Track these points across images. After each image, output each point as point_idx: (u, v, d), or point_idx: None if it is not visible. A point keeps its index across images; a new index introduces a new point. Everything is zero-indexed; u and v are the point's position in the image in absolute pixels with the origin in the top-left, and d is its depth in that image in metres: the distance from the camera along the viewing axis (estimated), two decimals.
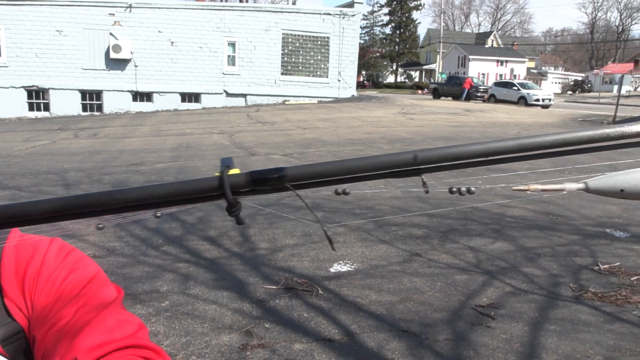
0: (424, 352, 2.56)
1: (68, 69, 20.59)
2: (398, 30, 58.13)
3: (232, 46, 21.87)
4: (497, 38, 60.21)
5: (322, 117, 16.35)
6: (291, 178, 0.37)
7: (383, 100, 24.59)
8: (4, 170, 8.15)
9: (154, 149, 10.38)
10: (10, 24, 19.66)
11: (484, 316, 2.97)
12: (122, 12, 20.75)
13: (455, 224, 4.86)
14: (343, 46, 22.77)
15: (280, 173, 0.35)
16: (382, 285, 3.43)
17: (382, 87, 52.91)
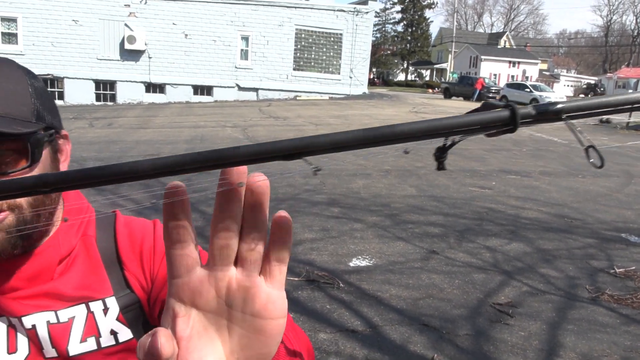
0: (445, 346, 2.65)
1: (83, 59, 20.73)
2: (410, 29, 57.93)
3: (246, 40, 21.94)
4: (510, 39, 59.89)
5: (333, 113, 16.41)
6: (567, 110, 0.35)
7: (394, 98, 24.61)
8: None
9: (169, 140, 10.49)
10: (27, 13, 19.82)
11: (502, 314, 3.04)
12: (137, 3, 20.86)
13: (470, 224, 4.93)
14: (356, 43, 22.79)
15: (556, 107, 0.34)
16: (401, 280, 3.52)
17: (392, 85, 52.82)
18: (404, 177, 7.18)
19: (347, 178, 6.99)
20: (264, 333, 0.38)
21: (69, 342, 0.72)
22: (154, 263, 0.80)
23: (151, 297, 0.79)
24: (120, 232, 0.82)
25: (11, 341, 0.70)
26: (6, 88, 0.67)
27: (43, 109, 0.71)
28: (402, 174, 7.45)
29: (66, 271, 0.75)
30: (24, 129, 0.65)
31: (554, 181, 7.20)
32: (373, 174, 7.34)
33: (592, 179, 7.47)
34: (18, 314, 0.70)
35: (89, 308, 0.75)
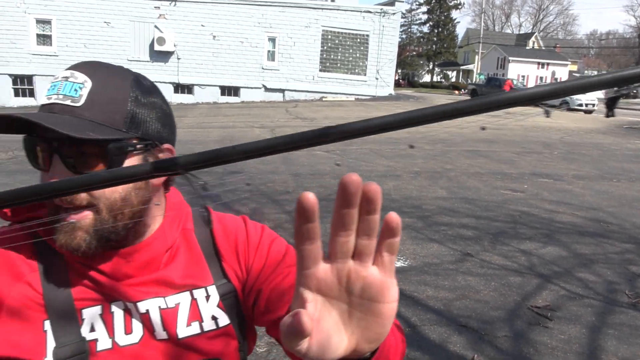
0: (485, 347, 2.67)
1: (114, 60, 21.09)
2: (436, 29, 57.51)
3: (272, 41, 22.11)
4: (539, 40, 58.89)
5: (360, 114, 16.42)
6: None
7: (421, 99, 24.48)
8: None
9: (200, 140, 10.67)
10: (61, 15, 20.34)
11: (540, 317, 3.04)
12: (167, 5, 21.22)
13: (504, 227, 4.91)
14: (382, 44, 22.74)
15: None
16: (436, 281, 3.54)
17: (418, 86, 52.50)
18: (434, 179, 7.17)
19: (376, 179, 7.00)
20: (380, 315, 0.45)
21: (177, 326, 0.79)
22: (249, 256, 0.87)
23: (246, 287, 0.86)
24: (215, 226, 0.89)
25: (127, 323, 0.77)
26: (105, 95, 0.71)
27: (142, 120, 0.75)
28: (432, 175, 7.44)
29: (171, 261, 0.82)
30: (98, 136, 0.69)
31: (587, 185, 7.10)
32: (403, 175, 7.35)
33: (628, 184, 7.34)
34: (133, 299, 0.77)
35: (192, 295, 0.82)
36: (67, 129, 0.66)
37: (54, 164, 0.70)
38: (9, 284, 0.73)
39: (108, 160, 0.71)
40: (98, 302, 0.76)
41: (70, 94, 0.70)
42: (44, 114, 0.69)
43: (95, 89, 0.71)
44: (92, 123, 0.69)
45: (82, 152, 0.70)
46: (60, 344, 0.72)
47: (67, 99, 0.70)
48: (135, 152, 0.74)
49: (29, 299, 0.73)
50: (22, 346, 0.71)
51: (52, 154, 0.70)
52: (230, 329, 0.84)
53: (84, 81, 0.71)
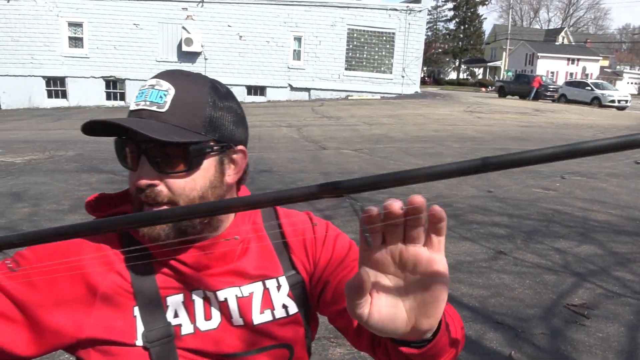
0: (522, 344, 2.68)
1: (143, 61, 21.57)
2: (462, 26, 56.80)
3: (298, 41, 22.21)
4: (569, 35, 57.59)
5: (386, 113, 16.39)
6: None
7: (447, 97, 24.25)
8: (96, 155, 8.80)
9: None
10: (92, 18, 20.83)
11: (577, 315, 3.03)
12: (194, 6, 21.51)
13: (537, 225, 4.88)
14: (408, 42, 22.61)
15: None
16: (471, 279, 3.55)
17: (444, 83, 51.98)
18: (464, 177, 7.13)
19: None
20: (433, 288, 0.53)
21: (252, 313, 0.85)
22: (316, 249, 0.92)
23: (313, 279, 0.92)
24: (283, 221, 0.95)
25: (207, 310, 0.84)
26: (186, 101, 0.78)
27: (219, 124, 0.81)
28: None
29: (244, 254, 0.88)
30: (182, 139, 0.76)
31: (622, 183, 6.97)
32: None
33: None
34: (213, 288, 0.84)
35: (264, 285, 0.88)
36: (153, 133, 0.73)
37: (141, 164, 0.77)
38: (102, 274, 0.80)
39: (189, 161, 0.78)
40: (180, 290, 0.83)
41: (156, 100, 0.77)
42: (134, 119, 0.77)
43: (178, 95, 0.78)
44: (175, 127, 0.76)
45: (167, 154, 0.77)
46: (149, 328, 0.79)
47: (153, 105, 0.77)
48: (213, 153, 0.81)
49: (120, 287, 0.80)
50: (115, 330, 0.78)
51: (140, 155, 0.77)
52: (299, 317, 0.90)
53: (167, 88, 0.78)
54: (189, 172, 0.79)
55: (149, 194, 0.77)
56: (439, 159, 8.65)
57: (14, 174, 7.11)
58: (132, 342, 0.78)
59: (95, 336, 0.78)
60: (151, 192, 0.77)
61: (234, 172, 0.86)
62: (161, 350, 0.79)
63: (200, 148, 0.79)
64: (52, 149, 9.46)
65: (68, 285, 0.78)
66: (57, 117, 16.40)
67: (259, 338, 0.85)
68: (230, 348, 0.83)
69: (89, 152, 9.12)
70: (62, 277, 0.77)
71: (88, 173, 7.21)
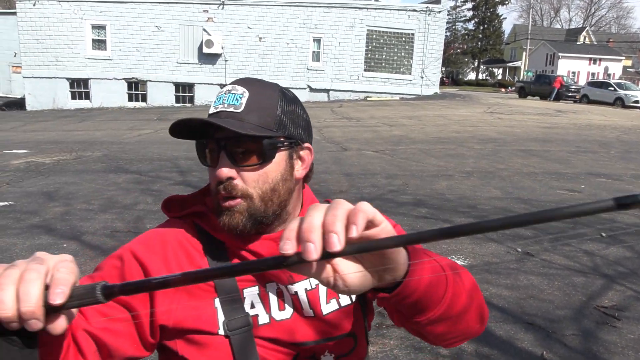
0: (553, 345, 2.69)
1: (164, 63, 21.86)
2: (481, 26, 56.36)
3: (317, 42, 22.28)
4: (590, 34, 56.70)
5: (406, 114, 16.37)
6: None
7: (466, 98, 24.10)
8: (122, 155, 8.97)
9: None
10: (115, 21, 21.17)
11: (608, 316, 3.03)
12: (215, 8, 21.73)
13: (563, 227, 4.85)
14: (427, 43, 22.52)
15: None
16: (499, 280, 3.56)
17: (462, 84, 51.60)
18: (487, 179, 7.12)
19: (429, 179, 7.04)
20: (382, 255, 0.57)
21: (320, 304, 0.91)
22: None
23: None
24: None
25: (280, 302, 0.90)
26: (260, 102, 0.87)
27: (287, 123, 0.89)
28: (485, 175, 7.39)
29: None
30: (258, 133, 0.84)
31: None
32: (455, 175, 7.33)
33: None
34: (286, 282, 0.90)
35: None
36: (234, 128, 0.82)
37: (221, 160, 0.85)
38: (187, 268, 0.87)
39: (262, 154, 0.86)
40: (255, 283, 0.90)
41: (233, 102, 0.86)
42: (214, 119, 0.84)
43: (252, 97, 0.86)
44: (250, 124, 0.84)
45: (243, 148, 0.85)
46: (229, 318, 0.85)
47: (230, 106, 0.86)
48: (283, 148, 0.88)
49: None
50: (200, 319, 0.85)
51: (220, 151, 0.85)
52: (358, 306, 0.96)
53: (242, 92, 0.87)
54: (262, 165, 0.86)
55: (227, 187, 0.85)
56: (461, 160, 8.63)
57: (44, 174, 7.30)
58: (215, 330, 0.85)
59: (181, 325, 0.84)
60: (228, 184, 0.85)
61: (302, 167, 0.93)
62: (241, 339, 0.85)
63: (272, 142, 0.86)
64: (78, 149, 9.68)
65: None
66: (81, 118, 16.71)
67: (328, 328, 0.91)
68: (302, 337, 0.89)
69: (115, 153, 9.31)
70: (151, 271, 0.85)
71: (115, 173, 7.37)
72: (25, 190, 6.27)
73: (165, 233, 0.92)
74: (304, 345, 0.89)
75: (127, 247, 0.89)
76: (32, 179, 6.99)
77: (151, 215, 5.18)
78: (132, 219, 5.07)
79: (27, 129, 13.62)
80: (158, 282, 0.53)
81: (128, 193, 6.13)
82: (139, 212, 5.31)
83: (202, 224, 0.93)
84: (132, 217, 5.15)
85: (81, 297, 0.53)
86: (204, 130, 0.86)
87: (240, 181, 0.86)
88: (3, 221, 4.95)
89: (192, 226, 0.94)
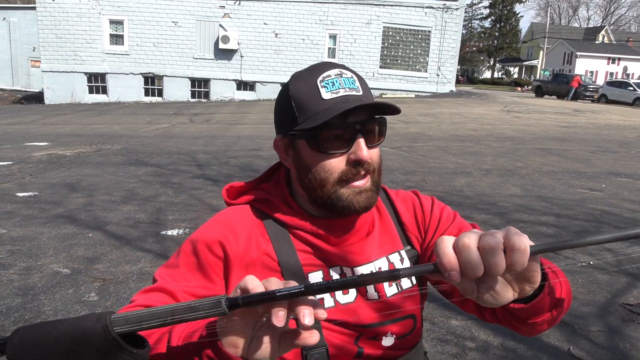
0: (579, 340, 2.68)
1: (180, 58, 21.98)
2: (498, 24, 55.81)
3: (333, 39, 22.26)
4: (609, 33, 55.88)
5: (422, 111, 16.31)
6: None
7: (483, 96, 23.94)
8: (141, 149, 9.06)
9: (267, 136, 10.98)
10: (132, 16, 21.33)
11: (634, 314, 3.01)
12: (231, 4, 21.80)
13: (586, 226, 4.82)
14: (444, 40, 22.38)
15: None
16: None
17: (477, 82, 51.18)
18: (506, 177, 7.08)
19: (447, 176, 7.02)
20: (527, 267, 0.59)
21: (384, 287, 0.93)
22: (425, 221, 1.01)
23: (423, 246, 1.00)
24: (396, 201, 1.03)
25: None
26: (365, 85, 0.90)
27: None
28: (504, 173, 7.35)
29: (372, 230, 0.96)
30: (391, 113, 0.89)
31: None
32: (473, 173, 7.30)
33: None
34: (351, 265, 0.92)
35: (388, 260, 0.96)
36: (370, 109, 0.88)
37: (359, 142, 0.86)
38: (255, 252, 0.90)
39: (384, 133, 0.91)
40: (319, 267, 0.92)
41: (352, 86, 0.88)
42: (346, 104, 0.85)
43: (360, 81, 0.90)
44: (390, 104, 0.88)
45: (374, 129, 0.89)
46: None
47: (352, 90, 0.88)
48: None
49: (268, 266, 0.90)
50: None
51: (356, 134, 0.86)
52: (416, 288, 0.97)
53: (351, 76, 0.90)
54: (381, 143, 0.92)
55: (366, 166, 0.88)
56: (479, 158, 8.59)
57: (66, 166, 7.40)
58: None
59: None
60: (368, 164, 0.88)
61: None
62: None
63: (385, 120, 0.92)
64: (98, 142, 9.79)
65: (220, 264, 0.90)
66: (99, 112, 16.90)
67: (391, 310, 0.93)
68: (366, 319, 0.91)
69: (133, 146, 9.40)
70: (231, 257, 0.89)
71: (135, 166, 7.45)
72: (48, 182, 6.37)
73: (231, 219, 0.94)
74: (368, 327, 0.91)
75: (199, 237, 0.91)
76: (54, 170, 7.10)
77: (172, 207, 5.24)
78: (153, 211, 5.13)
79: (47, 122, 13.80)
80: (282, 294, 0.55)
81: (148, 185, 6.20)
82: (160, 204, 5.37)
83: (264, 208, 0.95)
84: (154, 208, 5.21)
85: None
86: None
87: (371, 159, 0.89)
88: (29, 211, 5.05)
89: (254, 211, 0.96)
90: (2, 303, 3.08)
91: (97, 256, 3.88)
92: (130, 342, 0.55)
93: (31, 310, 3.01)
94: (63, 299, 3.16)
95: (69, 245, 4.10)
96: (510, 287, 0.61)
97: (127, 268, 3.66)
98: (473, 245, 0.56)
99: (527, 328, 0.81)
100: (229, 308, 0.55)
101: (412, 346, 0.98)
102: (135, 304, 0.82)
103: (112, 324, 0.53)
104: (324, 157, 0.87)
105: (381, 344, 0.92)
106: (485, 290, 0.59)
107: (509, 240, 0.56)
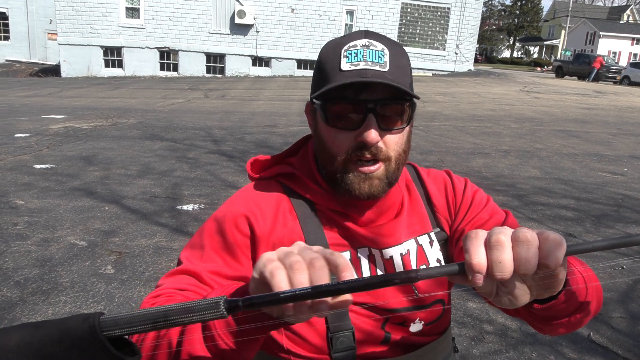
0: (599, 326, 2.63)
1: (196, 33, 21.83)
2: (519, 2, 54.51)
3: (350, 15, 21.91)
4: (635, 13, 54.22)
5: (439, 90, 16.06)
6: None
7: (501, 76, 23.50)
8: (156, 123, 9.06)
9: (282, 112, 10.91)
10: None
11: None
12: None
13: (606, 210, 4.72)
14: (464, 18, 21.91)
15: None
16: None
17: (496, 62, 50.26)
18: (525, 158, 6.96)
19: (465, 156, 6.91)
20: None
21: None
22: (456, 202, 0.95)
23: (451, 229, 0.94)
24: (427, 181, 0.97)
25: (372, 268, 0.88)
26: (399, 62, 0.81)
27: (412, 83, 0.86)
28: (523, 154, 7.22)
29: (401, 211, 0.91)
30: (413, 94, 0.80)
31: None
32: (491, 153, 7.18)
33: None
34: (380, 246, 0.87)
35: (417, 242, 0.91)
36: (393, 88, 0.77)
37: (369, 123, 0.79)
38: (282, 229, 0.86)
39: (408, 117, 0.81)
40: (347, 247, 0.87)
41: (377, 60, 0.79)
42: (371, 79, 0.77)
43: (393, 56, 0.80)
44: (397, 85, 0.78)
45: (391, 112, 0.80)
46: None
47: (375, 64, 0.79)
48: (415, 111, 0.85)
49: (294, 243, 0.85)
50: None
51: (368, 113, 0.78)
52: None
53: (382, 49, 0.80)
54: (403, 130, 0.83)
55: (373, 150, 0.80)
56: (498, 138, 8.45)
57: (82, 139, 7.43)
58: None
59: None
60: (374, 148, 0.80)
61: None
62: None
63: (413, 105, 0.82)
64: (114, 116, 9.81)
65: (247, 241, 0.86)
66: (115, 85, 16.91)
67: (421, 294, 0.88)
68: (395, 304, 0.87)
69: (149, 120, 9.40)
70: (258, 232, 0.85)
71: (151, 140, 7.45)
72: (65, 154, 6.40)
73: (257, 194, 0.90)
74: (397, 312, 0.87)
75: (223, 214, 0.87)
76: (70, 143, 7.13)
77: (188, 183, 5.24)
78: (169, 185, 5.13)
79: (64, 95, 13.86)
80: (287, 296, 0.51)
81: (164, 160, 6.20)
82: (176, 179, 5.37)
83: (290, 184, 0.91)
84: (170, 183, 5.21)
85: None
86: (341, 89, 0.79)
87: (383, 144, 0.81)
88: (46, 183, 5.08)
89: (279, 186, 0.92)
90: (21, 274, 3.11)
91: (114, 229, 3.90)
92: (122, 349, 0.51)
93: (48, 281, 3.03)
94: (79, 271, 3.18)
95: (86, 218, 4.12)
96: (529, 292, 0.56)
97: (142, 242, 3.67)
98: (508, 244, 0.52)
99: (542, 325, 0.77)
100: (228, 310, 0.51)
101: (441, 332, 0.94)
102: (163, 288, 0.79)
103: (101, 326, 0.49)
104: (333, 131, 0.82)
105: (409, 329, 0.88)
106: (504, 294, 0.56)
107: (542, 233, 0.52)
